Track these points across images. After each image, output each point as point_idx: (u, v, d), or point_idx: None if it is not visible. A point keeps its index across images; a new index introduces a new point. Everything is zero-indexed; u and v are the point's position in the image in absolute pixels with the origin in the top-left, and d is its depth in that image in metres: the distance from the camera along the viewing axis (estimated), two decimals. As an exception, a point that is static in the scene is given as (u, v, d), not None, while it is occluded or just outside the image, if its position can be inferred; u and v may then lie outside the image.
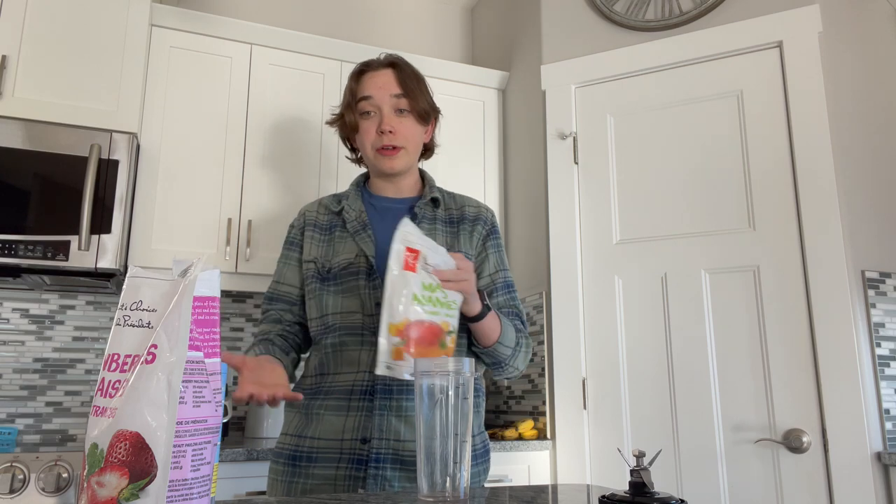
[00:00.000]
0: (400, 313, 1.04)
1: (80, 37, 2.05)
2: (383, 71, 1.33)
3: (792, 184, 1.96)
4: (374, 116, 1.31)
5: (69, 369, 2.21)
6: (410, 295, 1.04)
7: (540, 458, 2.11)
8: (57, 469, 1.59)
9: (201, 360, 0.56)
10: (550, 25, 2.43)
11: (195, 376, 0.55)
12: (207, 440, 0.55)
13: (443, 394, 0.86)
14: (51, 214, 1.88)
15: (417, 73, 1.37)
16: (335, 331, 1.25)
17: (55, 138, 1.93)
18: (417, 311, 1.05)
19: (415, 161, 1.37)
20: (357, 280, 1.25)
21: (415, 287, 1.05)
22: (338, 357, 1.24)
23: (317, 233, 1.35)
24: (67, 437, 2.17)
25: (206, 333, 0.59)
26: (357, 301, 1.25)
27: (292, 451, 1.23)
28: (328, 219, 1.36)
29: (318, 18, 2.81)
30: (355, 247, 1.28)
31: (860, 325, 1.82)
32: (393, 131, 1.29)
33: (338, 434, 1.20)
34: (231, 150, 2.22)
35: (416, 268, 1.05)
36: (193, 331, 0.57)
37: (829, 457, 1.78)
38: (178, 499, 0.51)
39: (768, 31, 2.04)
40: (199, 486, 0.52)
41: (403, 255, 1.05)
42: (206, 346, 0.58)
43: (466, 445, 0.87)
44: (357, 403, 1.21)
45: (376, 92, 1.31)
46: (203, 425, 0.55)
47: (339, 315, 1.25)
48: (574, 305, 2.19)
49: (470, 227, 1.35)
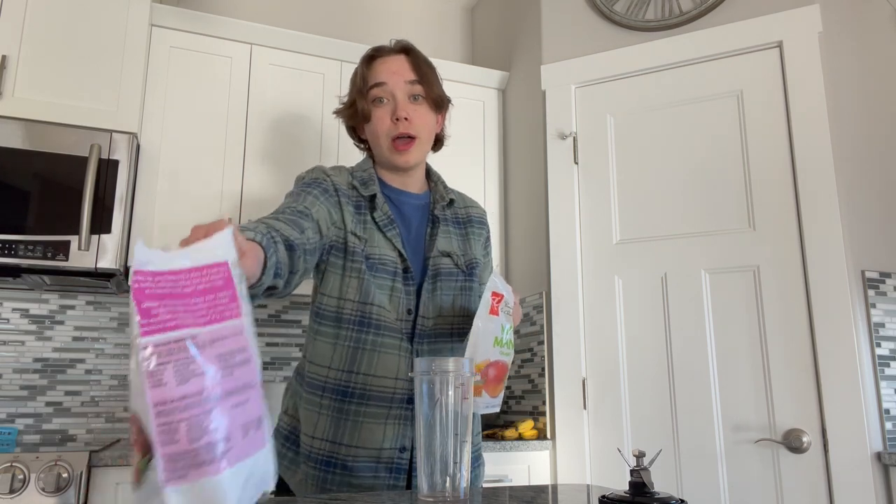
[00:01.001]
0: (482, 354, 1.09)
1: (80, 37, 2.05)
2: (396, 56, 1.27)
3: (792, 184, 1.96)
4: (387, 104, 1.24)
5: (69, 369, 2.21)
6: (493, 338, 1.10)
7: (540, 458, 2.11)
8: (57, 469, 1.58)
9: (182, 339, 0.55)
10: (550, 25, 2.43)
11: (175, 356, 0.54)
12: (208, 409, 0.55)
13: (442, 394, 0.86)
14: (51, 214, 1.88)
15: (429, 60, 1.31)
16: (378, 328, 1.17)
17: (55, 138, 1.93)
18: (496, 353, 1.11)
19: (427, 152, 1.31)
20: (393, 280, 1.19)
21: (496, 330, 1.11)
22: (376, 358, 1.17)
23: (351, 208, 1.20)
24: (67, 437, 2.17)
25: (205, 303, 0.58)
26: (392, 300, 1.19)
27: (326, 457, 1.16)
28: (356, 199, 1.22)
29: (318, 18, 2.81)
30: (388, 243, 1.20)
31: (860, 325, 1.83)
32: (409, 118, 1.23)
33: (378, 443, 1.16)
34: (231, 150, 2.22)
35: (499, 311, 1.12)
36: (175, 306, 0.56)
37: (829, 457, 1.78)
38: (185, 468, 0.53)
39: (768, 31, 2.04)
40: (206, 452, 0.54)
41: (491, 300, 1.11)
42: (208, 316, 0.58)
43: (466, 446, 0.87)
44: (397, 412, 1.17)
45: (390, 78, 1.24)
46: (197, 398, 0.54)
47: (382, 311, 1.17)
48: (574, 305, 2.19)
49: (477, 230, 1.34)
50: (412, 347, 1.19)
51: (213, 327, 0.58)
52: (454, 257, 1.26)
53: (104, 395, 2.24)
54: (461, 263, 1.26)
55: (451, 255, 1.26)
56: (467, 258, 1.28)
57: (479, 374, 1.08)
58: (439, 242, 1.25)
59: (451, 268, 1.25)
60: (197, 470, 0.53)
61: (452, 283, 1.25)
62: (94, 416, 2.21)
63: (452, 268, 1.25)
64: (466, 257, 1.28)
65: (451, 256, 1.25)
